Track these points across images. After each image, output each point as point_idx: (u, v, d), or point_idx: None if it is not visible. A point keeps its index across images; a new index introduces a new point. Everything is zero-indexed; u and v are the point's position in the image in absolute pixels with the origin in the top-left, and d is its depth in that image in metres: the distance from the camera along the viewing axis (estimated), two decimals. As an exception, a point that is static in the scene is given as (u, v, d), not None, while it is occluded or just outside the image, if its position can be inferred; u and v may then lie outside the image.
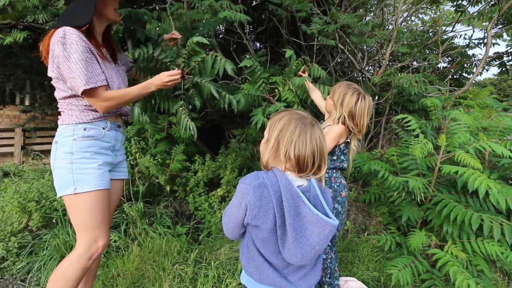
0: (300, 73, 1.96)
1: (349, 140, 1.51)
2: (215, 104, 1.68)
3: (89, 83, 1.14)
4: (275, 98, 2.08)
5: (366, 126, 1.49)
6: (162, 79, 1.31)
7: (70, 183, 1.18)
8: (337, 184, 1.51)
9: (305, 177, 0.88)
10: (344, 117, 1.44)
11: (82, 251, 1.20)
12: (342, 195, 1.51)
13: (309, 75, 1.97)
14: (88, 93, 1.17)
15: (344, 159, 1.54)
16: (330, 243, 1.53)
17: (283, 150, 0.85)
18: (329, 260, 1.52)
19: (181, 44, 1.80)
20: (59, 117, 1.28)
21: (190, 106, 1.63)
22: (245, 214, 0.87)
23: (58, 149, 1.22)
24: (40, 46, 1.22)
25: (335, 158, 1.52)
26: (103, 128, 1.30)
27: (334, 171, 1.53)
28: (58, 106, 1.29)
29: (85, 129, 1.23)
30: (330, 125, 1.51)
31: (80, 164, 1.20)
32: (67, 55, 1.12)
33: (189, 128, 1.41)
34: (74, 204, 1.21)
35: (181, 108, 1.47)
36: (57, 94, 1.26)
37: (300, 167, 0.85)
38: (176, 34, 1.64)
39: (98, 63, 1.23)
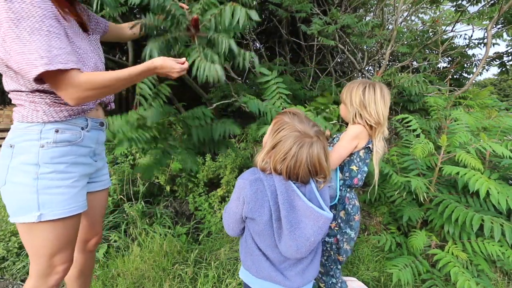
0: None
1: (370, 146, 1.30)
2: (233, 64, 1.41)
3: (53, 61, 0.76)
4: None
5: (386, 116, 1.28)
6: (173, 66, 0.99)
7: (32, 207, 0.85)
8: (351, 206, 1.32)
9: None
10: (358, 113, 1.27)
11: (38, 284, 0.94)
12: (356, 219, 1.34)
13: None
14: (54, 76, 0.78)
15: (364, 175, 1.32)
16: (340, 265, 1.43)
17: (273, 163, 0.86)
18: (339, 285, 1.43)
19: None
20: (14, 109, 0.91)
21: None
22: (243, 208, 0.90)
23: (14, 156, 0.86)
24: None
25: (355, 169, 1.29)
26: (82, 129, 0.95)
27: (349, 190, 1.33)
28: (10, 96, 0.91)
29: (57, 131, 0.88)
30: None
31: (49, 180, 0.86)
32: (15, 18, 0.73)
33: (214, 71, 1.10)
34: (33, 233, 0.88)
35: (196, 51, 1.20)
36: (7, 85, 0.89)
37: (291, 179, 0.86)
38: (185, 6, 1.35)
39: (67, 36, 0.86)
